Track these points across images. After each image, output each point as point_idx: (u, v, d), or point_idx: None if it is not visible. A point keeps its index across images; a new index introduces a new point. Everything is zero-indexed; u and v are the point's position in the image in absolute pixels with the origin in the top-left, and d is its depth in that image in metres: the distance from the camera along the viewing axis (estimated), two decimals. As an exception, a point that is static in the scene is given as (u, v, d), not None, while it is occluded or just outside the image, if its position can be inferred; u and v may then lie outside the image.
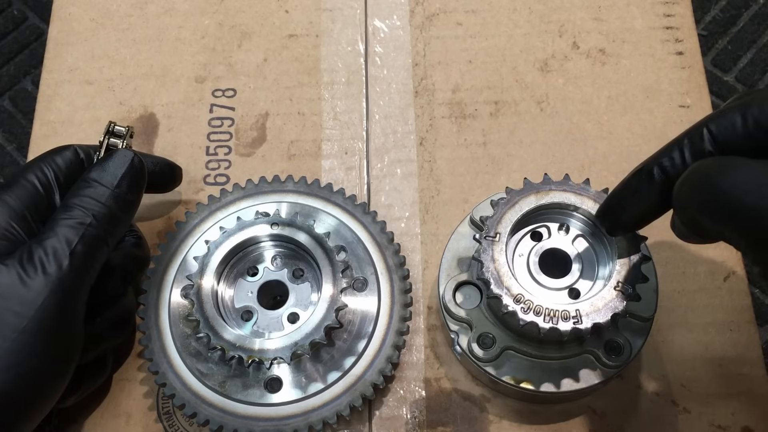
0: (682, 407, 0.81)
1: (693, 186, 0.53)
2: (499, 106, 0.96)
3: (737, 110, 0.54)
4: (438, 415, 0.81)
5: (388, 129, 0.96)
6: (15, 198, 0.70)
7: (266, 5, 1.04)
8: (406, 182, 0.93)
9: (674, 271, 0.86)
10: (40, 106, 1.00)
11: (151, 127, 0.97)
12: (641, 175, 0.60)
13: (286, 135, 0.96)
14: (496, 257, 0.69)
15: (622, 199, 0.63)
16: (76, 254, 0.67)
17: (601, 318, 0.66)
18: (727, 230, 0.51)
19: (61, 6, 1.06)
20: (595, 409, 0.81)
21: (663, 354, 0.83)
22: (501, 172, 0.93)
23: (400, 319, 0.79)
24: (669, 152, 0.58)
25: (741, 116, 0.54)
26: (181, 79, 1.00)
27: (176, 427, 0.81)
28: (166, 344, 0.77)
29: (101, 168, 0.72)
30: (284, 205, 0.84)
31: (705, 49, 2.14)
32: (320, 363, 0.77)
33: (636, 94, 0.97)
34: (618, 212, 0.64)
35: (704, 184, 0.52)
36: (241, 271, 0.80)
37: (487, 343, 0.75)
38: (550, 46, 1.00)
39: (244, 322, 0.78)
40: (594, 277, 0.73)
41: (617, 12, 1.01)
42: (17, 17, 2.36)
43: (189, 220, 0.84)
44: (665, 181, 0.58)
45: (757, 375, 0.82)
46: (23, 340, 0.63)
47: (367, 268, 0.81)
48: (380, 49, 1.00)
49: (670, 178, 0.57)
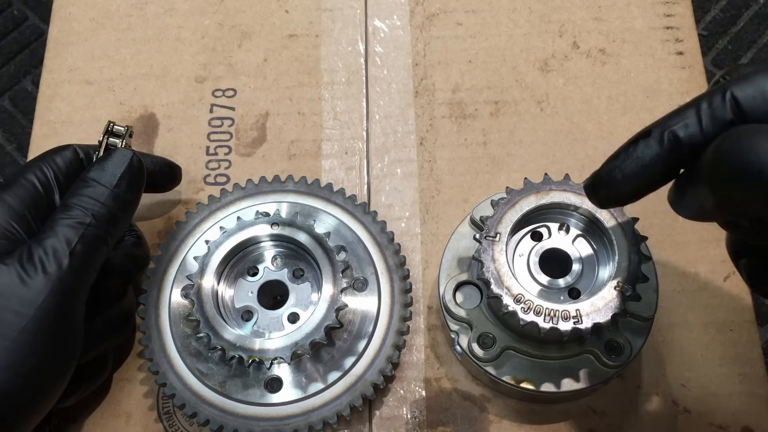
0: (682, 407, 0.81)
1: (746, 158, 0.45)
2: (499, 106, 0.96)
3: (765, 75, 0.48)
4: (438, 415, 0.81)
5: (389, 129, 0.96)
6: (15, 197, 0.70)
7: (266, 5, 1.04)
8: (407, 182, 0.93)
9: (674, 271, 0.86)
10: (40, 106, 1.00)
11: (151, 127, 0.97)
12: (648, 141, 0.53)
13: (286, 135, 0.96)
14: (496, 257, 0.69)
15: (620, 166, 0.55)
16: (76, 254, 0.67)
17: (601, 318, 0.66)
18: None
19: (61, 6, 1.06)
20: (595, 409, 0.81)
21: (663, 354, 0.83)
22: (501, 172, 0.93)
23: (400, 318, 0.78)
24: (682, 117, 0.51)
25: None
26: (181, 79, 1.00)
27: (176, 427, 0.81)
28: (166, 344, 0.77)
29: (100, 168, 0.72)
30: (284, 205, 0.84)
31: (705, 49, 2.14)
32: (320, 363, 0.77)
33: (636, 94, 0.97)
34: (613, 182, 0.56)
35: (758, 154, 0.44)
36: (241, 271, 0.80)
37: (488, 343, 0.75)
38: (550, 46, 1.00)
39: (245, 322, 0.78)
40: (594, 277, 0.73)
41: (617, 12, 1.01)
42: (17, 17, 2.36)
43: (189, 220, 0.84)
44: (675, 150, 0.51)
45: (757, 375, 0.82)
46: (23, 339, 0.63)
47: (368, 268, 0.81)
48: (380, 49, 1.00)
49: (683, 146, 0.51)
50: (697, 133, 0.50)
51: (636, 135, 0.54)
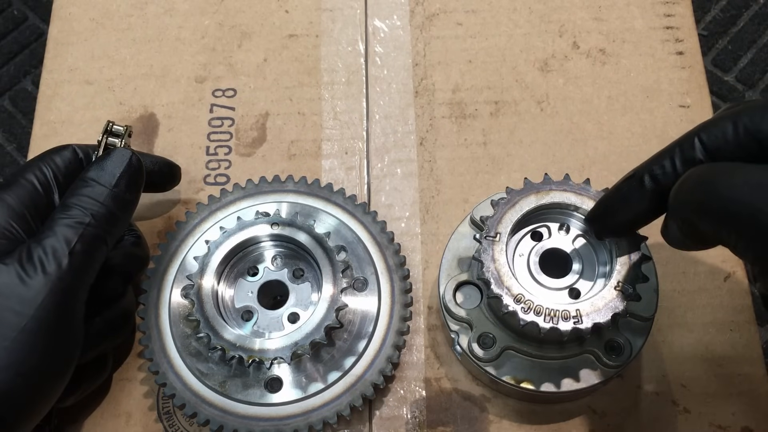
0: (682, 407, 0.81)
1: (690, 189, 0.55)
2: (499, 106, 0.96)
3: (728, 119, 0.55)
4: (438, 415, 0.81)
5: (388, 129, 0.96)
6: (14, 197, 0.70)
7: (266, 5, 1.04)
8: (407, 182, 0.93)
9: (674, 271, 0.86)
10: (40, 106, 1.00)
11: (151, 127, 0.97)
12: (632, 182, 0.61)
13: (286, 135, 0.96)
14: (496, 257, 0.69)
15: (612, 204, 0.65)
16: (76, 253, 0.67)
17: (602, 318, 0.66)
18: (725, 230, 0.52)
19: (61, 6, 1.06)
20: (595, 409, 0.81)
21: (663, 354, 0.83)
22: (501, 172, 0.93)
23: (400, 318, 0.78)
24: (660, 160, 0.59)
25: (732, 125, 0.55)
26: (181, 79, 1.00)
27: (176, 427, 0.81)
28: (166, 344, 0.77)
29: (99, 167, 0.72)
30: (284, 205, 0.84)
31: (705, 49, 2.14)
32: (320, 363, 0.77)
33: (636, 94, 0.97)
34: (607, 217, 0.66)
35: (701, 186, 0.53)
36: (241, 271, 0.80)
37: (488, 343, 0.75)
38: (550, 46, 1.00)
39: (245, 322, 0.78)
40: (594, 277, 0.73)
41: (617, 12, 1.01)
42: (17, 17, 2.36)
43: (189, 220, 0.84)
44: (655, 189, 0.59)
45: (757, 375, 0.82)
46: (23, 339, 0.63)
47: (368, 268, 0.81)
48: (380, 49, 1.00)
49: (661, 186, 0.59)
50: (671, 174, 0.58)
51: (623, 177, 0.62)
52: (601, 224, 0.68)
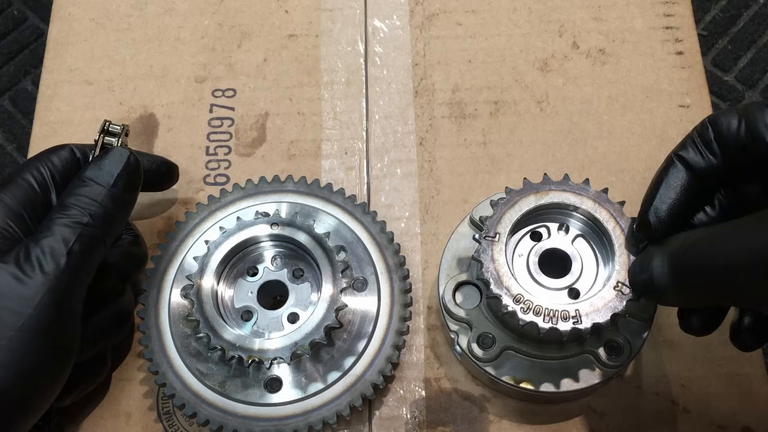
0: (682, 407, 0.81)
1: (693, 271, 0.59)
2: (499, 106, 0.96)
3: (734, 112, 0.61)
4: (438, 415, 0.81)
5: (388, 129, 0.96)
6: (12, 197, 0.70)
7: (266, 5, 1.04)
8: (406, 182, 0.93)
9: (674, 271, 0.86)
10: (40, 106, 1.00)
11: (151, 127, 0.97)
12: (667, 166, 0.66)
13: (286, 135, 0.96)
14: (495, 257, 0.69)
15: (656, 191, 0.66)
16: (74, 253, 0.66)
17: (601, 318, 0.66)
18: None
19: (61, 6, 1.06)
20: (595, 409, 0.81)
21: (663, 354, 0.83)
22: (501, 172, 0.93)
23: (400, 319, 0.78)
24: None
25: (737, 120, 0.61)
26: (181, 79, 1.00)
27: (176, 427, 0.81)
28: (166, 344, 0.77)
29: (97, 166, 0.72)
30: (284, 205, 0.84)
31: (705, 49, 2.14)
32: (320, 363, 0.77)
33: (636, 94, 0.97)
34: (659, 203, 0.66)
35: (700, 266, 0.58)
36: (241, 271, 0.80)
37: (487, 343, 0.75)
38: (550, 46, 1.00)
39: (244, 322, 0.78)
40: (594, 277, 0.72)
41: (617, 12, 1.01)
42: (17, 17, 2.36)
43: (189, 220, 0.84)
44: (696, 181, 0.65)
45: (757, 375, 0.82)
46: (21, 338, 0.63)
47: (367, 268, 0.81)
48: (380, 49, 1.00)
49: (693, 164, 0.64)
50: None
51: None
52: (655, 215, 0.65)
